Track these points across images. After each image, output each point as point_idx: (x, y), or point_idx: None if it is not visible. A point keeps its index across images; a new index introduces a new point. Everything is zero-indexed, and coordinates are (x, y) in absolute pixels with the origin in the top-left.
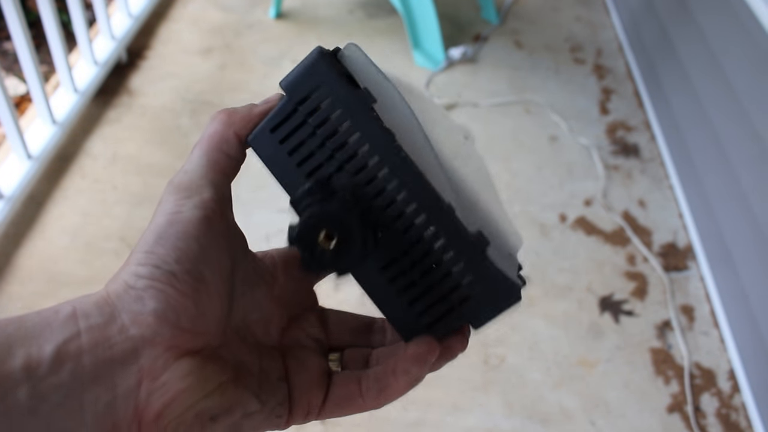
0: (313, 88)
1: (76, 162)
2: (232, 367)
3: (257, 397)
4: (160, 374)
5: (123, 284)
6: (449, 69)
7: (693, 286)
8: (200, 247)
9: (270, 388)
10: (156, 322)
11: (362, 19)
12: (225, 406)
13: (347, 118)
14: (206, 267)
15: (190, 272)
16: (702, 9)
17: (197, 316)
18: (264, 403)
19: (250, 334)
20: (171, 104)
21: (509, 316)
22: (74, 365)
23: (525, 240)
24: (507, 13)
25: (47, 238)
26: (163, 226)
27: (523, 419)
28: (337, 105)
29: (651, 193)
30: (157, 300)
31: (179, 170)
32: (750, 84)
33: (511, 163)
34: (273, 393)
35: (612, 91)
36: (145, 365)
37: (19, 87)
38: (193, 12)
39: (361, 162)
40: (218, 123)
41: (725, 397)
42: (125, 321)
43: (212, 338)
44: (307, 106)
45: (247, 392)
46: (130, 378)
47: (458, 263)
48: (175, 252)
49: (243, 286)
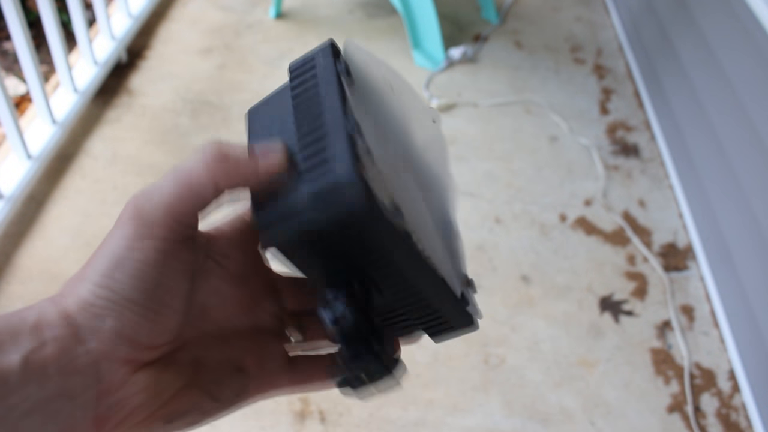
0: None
1: (76, 162)
2: (189, 367)
3: (212, 395)
4: (118, 389)
5: (82, 301)
6: (449, 69)
7: (693, 286)
8: (159, 276)
9: (227, 382)
10: (114, 339)
11: (362, 19)
12: (179, 411)
13: (383, 244)
14: (164, 293)
15: (148, 299)
16: (702, 9)
17: (155, 334)
18: (218, 400)
19: (210, 322)
20: (171, 104)
21: (509, 316)
22: (40, 376)
23: (525, 240)
24: (507, 13)
25: (47, 238)
26: (121, 252)
27: (523, 419)
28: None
29: (651, 193)
30: (116, 320)
31: (146, 190)
32: (750, 84)
33: (511, 163)
34: (229, 385)
35: (612, 91)
36: (104, 379)
37: (19, 87)
38: (193, 12)
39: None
40: (201, 166)
41: (725, 397)
42: (85, 336)
43: (169, 347)
44: (342, 229)
45: (202, 393)
46: (90, 390)
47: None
48: (133, 280)
49: (200, 280)
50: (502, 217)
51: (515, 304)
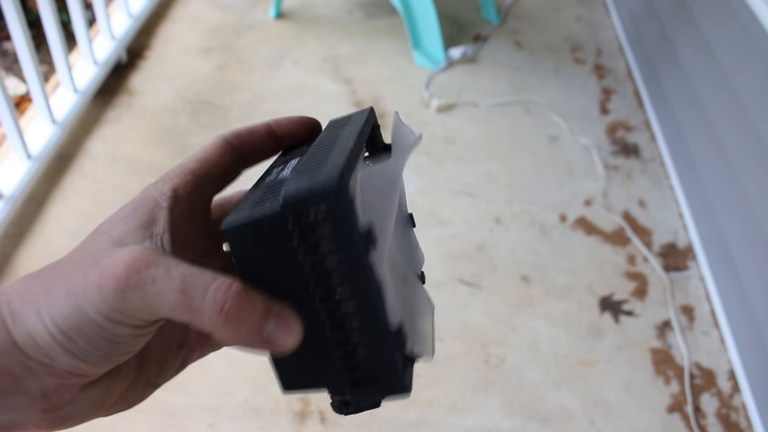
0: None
1: (76, 162)
2: (135, 362)
3: (154, 384)
4: (65, 405)
5: (29, 336)
6: (449, 69)
7: (693, 286)
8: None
9: (168, 365)
10: (66, 374)
11: (362, 19)
12: (123, 407)
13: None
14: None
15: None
16: (702, 9)
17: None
18: (159, 385)
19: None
20: (171, 104)
21: (509, 316)
22: None
23: (525, 240)
24: (507, 13)
25: (47, 238)
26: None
27: (523, 419)
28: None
29: (651, 193)
30: (68, 362)
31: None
32: (750, 84)
33: (511, 163)
34: (170, 366)
35: (612, 91)
36: (52, 399)
37: (19, 87)
38: (193, 12)
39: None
40: (121, 269)
41: (725, 397)
42: (35, 369)
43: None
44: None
45: (145, 385)
46: (36, 406)
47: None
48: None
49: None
50: (502, 217)
51: (515, 304)
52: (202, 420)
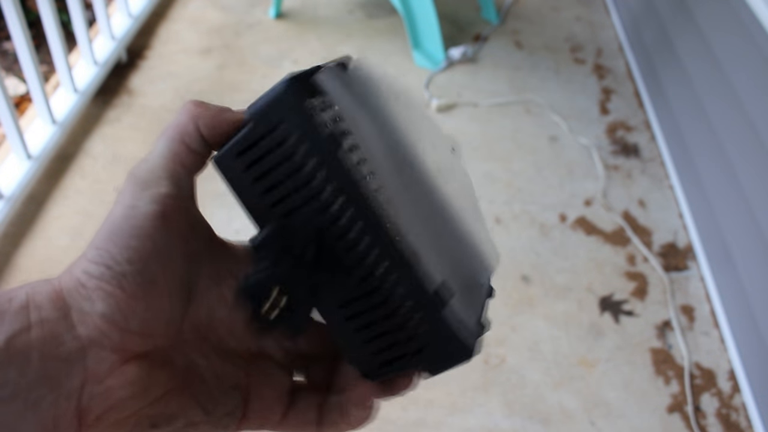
0: (278, 122)
1: (76, 162)
2: (183, 371)
3: (203, 407)
4: (104, 378)
5: (75, 281)
6: (449, 69)
7: (693, 286)
8: (154, 246)
9: (220, 397)
10: (104, 325)
11: (362, 19)
12: (166, 415)
13: (313, 156)
14: (159, 267)
15: (141, 273)
16: (702, 9)
17: (147, 320)
18: (209, 414)
19: (212, 333)
20: (171, 104)
21: (509, 316)
22: (22, 361)
23: (525, 240)
24: (507, 13)
25: (47, 238)
26: (117, 220)
27: (523, 419)
28: (302, 142)
29: (651, 193)
30: (106, 303)
31: (141, 159)
32: (750, 84)
33: (511, 163)
34: (223, 402)
35: (612, 91)
36: (90, 367)
37: (19, 87)
38: (193, 12)
39: (325, 203)
40: (184, 114)
41: (725, 397)
42: (74, 319)
43: (163, 340)
44: (273, 139)
45: (193, 401)
46: (74, 378)
47: (415, 315)
48: (127, 251)
49: (208, 281)
50: (502, 217)
51: (515, 304)
52: None
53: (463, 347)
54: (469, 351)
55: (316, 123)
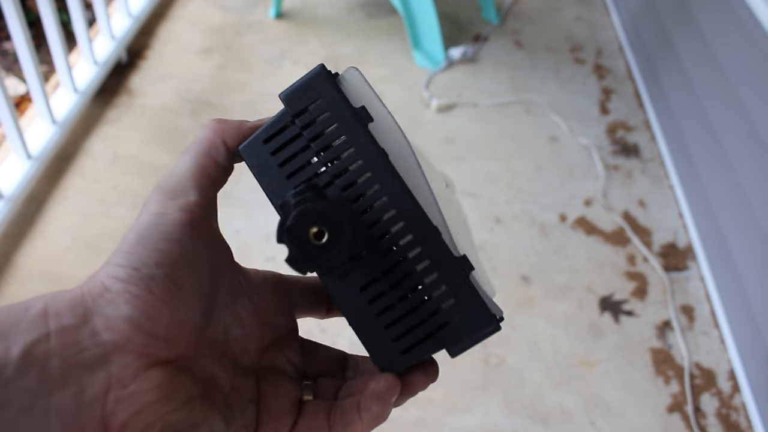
0: (312, 101)
1: (76, 162)
2: (203, 381)
3: (224, 416)
4: (129, 383)
5: (99, 285)
6: (449, 69)
7: (693, 286)
8: (182, 251)
9: (238, 409)
10: (129, 329)
11: (362, 19)
12: (191, 421)
13: (343, 132)
14: (186, 272)
15: (168, 277)
16: (702, 9)
17: (172, 324)
18: (229, 424)
19: (227, 350)
20: (171, 104)
21: (509, 316)
22: (42, 368)
23: (525, 240)
24: (507, 13)
25: (47, 238)
26: (145, 226)
27: (523, 419)
28: (334, 119)
29: (651, 193)
30: (132, 306)
31: (167, 173)
32: (750, 84)
33: (511, 163)
34: (241, 414)
35: (612, 91)
36: (114, 372)
37: (19, 87)
38: (193, 12)
39: (352, 177)
40: (209, 130)
41: (725, 397)
42: (98, 325)
43: (186, 348)
44: (305, 119)
45: (215, 410)
46: (98, 384)
47: (440, 286)
48: (155, 254)
49: (225, 297)
50: (502, 217)
51: (515, 304)
52: None
53: (490, 316)
54: (496, 320)
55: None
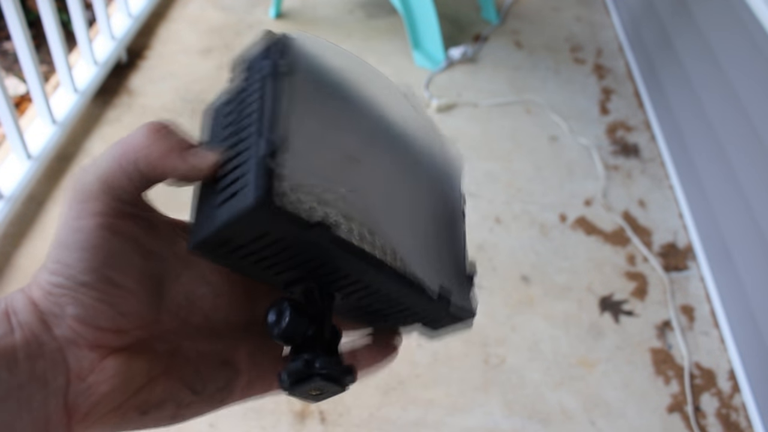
0: (259, 234)
1: (76, 162)
2: (167, 355)
3: (191, 387)
4: (86, 375)
5: (41, 289)
6: (449, 69)
7: (693, 286)
8: (105, 254)
9: (209, 375)
10: (77, 325)
11: (362, 19)
12: (154, 401)
13: (308, 249)
14: (115, 271)
15: (100, 280)
16: (702, 9)
17: (116, 316)
18: (199, 392)
19: (196, 314)
20: (171, 104)
21: (509, 316)
22: (10, 361)
23: (525, 240)
24: (507, 13)
25: (47, 238)
26: (66, 234)
27: (523, 419)
28: (292, 245)
29: (651, 193)
30: (75, 306)
31: (86, 164)
32: (750, 84)
33: (511, 162)
34: (213, 379)
35: (612, 91)
36: (72, 366)
37: (19, 87)
38: (193, 12)
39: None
40: (138, 137)
41: (725, 397)
42: (50, 322)
43: (140, 332)
44: (258, 242)
45: (179, 384)
46: (59, 377)
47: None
48: (80, 262)
49: (178, 267)
50: (502, 217)
51: (515, 304)
52: (202, 419)
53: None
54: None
55: (300, 221)
